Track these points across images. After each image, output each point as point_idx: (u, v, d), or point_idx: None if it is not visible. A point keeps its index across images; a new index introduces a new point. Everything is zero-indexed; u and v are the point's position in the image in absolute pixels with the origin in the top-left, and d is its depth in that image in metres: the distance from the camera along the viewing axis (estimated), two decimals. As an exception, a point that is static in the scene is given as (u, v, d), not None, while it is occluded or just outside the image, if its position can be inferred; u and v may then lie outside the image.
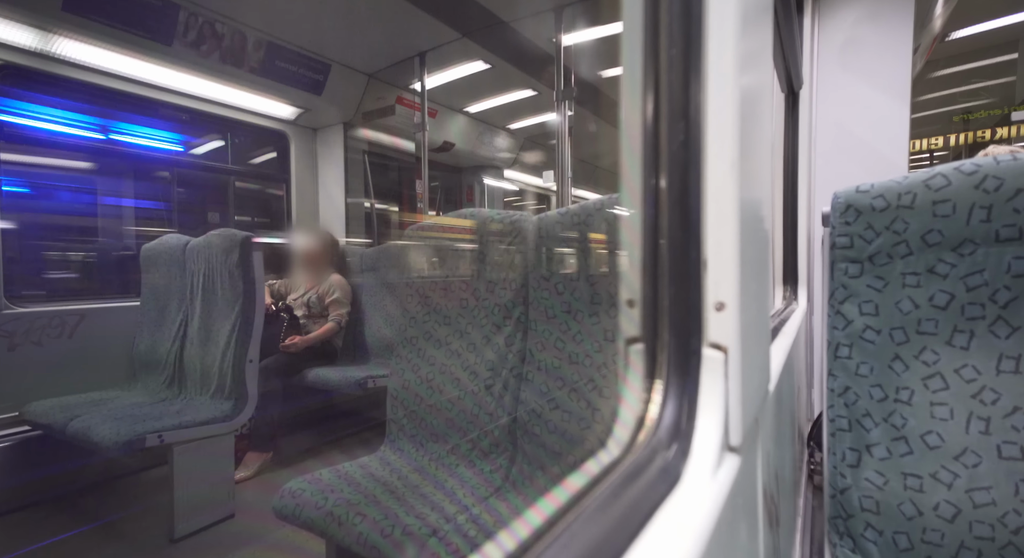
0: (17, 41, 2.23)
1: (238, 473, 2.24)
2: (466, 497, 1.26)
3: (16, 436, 2.11)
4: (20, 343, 2.20)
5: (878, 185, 0.94)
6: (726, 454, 0.44)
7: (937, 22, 2.97)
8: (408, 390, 1.58)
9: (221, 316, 2.13)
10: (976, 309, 0.87)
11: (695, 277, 0.44)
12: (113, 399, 2.20)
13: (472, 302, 1.52)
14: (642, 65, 0.45)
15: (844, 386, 0.97)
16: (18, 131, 2.34)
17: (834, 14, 2.18)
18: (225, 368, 2.04)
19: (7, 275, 2.20)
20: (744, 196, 0.45)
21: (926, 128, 6.04)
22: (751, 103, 0.49)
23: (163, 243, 2.50)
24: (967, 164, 0.87)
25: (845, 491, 0.95)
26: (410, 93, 3.66)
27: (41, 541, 1.84)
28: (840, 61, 2.18)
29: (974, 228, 0.86)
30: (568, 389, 1.29)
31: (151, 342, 2.42)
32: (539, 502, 0.36)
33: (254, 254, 2.07)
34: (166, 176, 3.22)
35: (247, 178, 3.64)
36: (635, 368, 0.48)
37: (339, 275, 2.97)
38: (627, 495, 0.36)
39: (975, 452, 0.85)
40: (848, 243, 0.97)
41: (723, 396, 0.44)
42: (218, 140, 3.40)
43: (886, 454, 0.92)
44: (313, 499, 1.20)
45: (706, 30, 0.44)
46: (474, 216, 1.53)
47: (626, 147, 0.47)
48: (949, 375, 0.88)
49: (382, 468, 1.42)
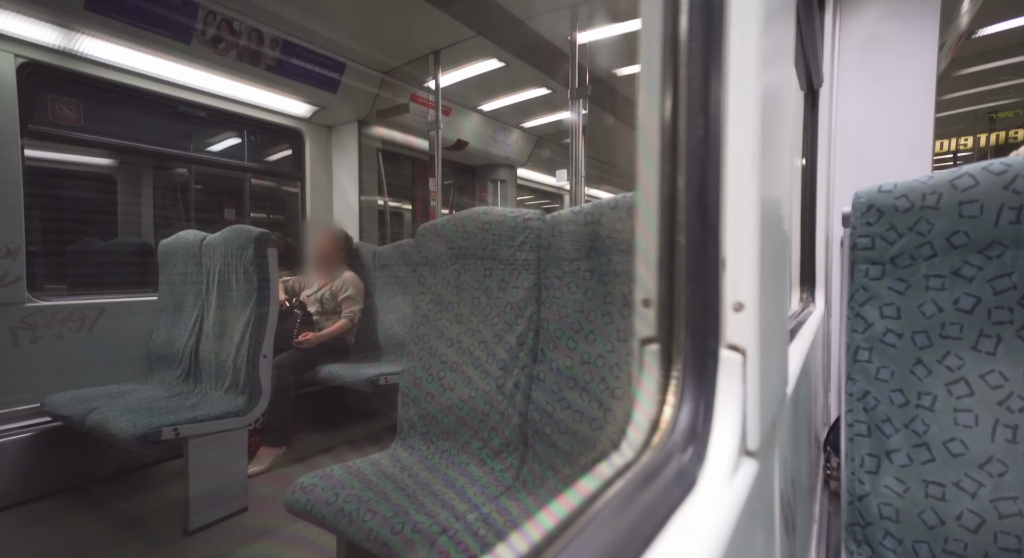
0: (41, 39, 2.28)
1: (251, 467, 2.26)
2: (476, 496, 1.26)
3: (37, 427, 2.16)
4: (42, 336, 2.25)
5: (901, 185, 0.92)
6: (743, 459, 0.43)
7: (964, 19, 2.89)
8: (419, 388, 1.58)
9: (236, 312, 2.16)
10: (1004, 313, 0.84)
11: (713, 276, 0.43)
12: (130, 392, 2.24)
13: (484, 300, 1.51)
14: (660, 58, 0.44)
15: (863, 390, 0.95)
16: (41, 128, 2.39)
17: (856, 11, 2.13)
18: (239, 363, 2.07)
19: (30, 269, 2.25)
20: (764, 194, 0.44)
21: (949, 128, 5.90)
22: (772, 100, 0.48)
23: (180, 239, 2.53)
24: (996, 163, 0.85)
25: (863, 498, 0.93)
26: (424, 91, 3.66)
27: (59, 530, 1.88)
28: (862, 59, 2.13)
29: (1003, 229, 0.84)
30: (580, 389, 1.28)
31: (167, 336, 2.46)
32: (551, 503, 0.36)
33: (268, 251, 2.09)
34: (183, 173, 3.27)
35: (263, 175, 3.67)
36: (649, 369, 0.47)
37: (352, 272, 2.99)
38: (641, 499, 0.35)
39: (1001, 461, 0.82)
40: (869, 244, 0.94)
41: (741, 399, 0.43)
42: (235, 138, 3.43)
43: (907, 461, 0.90)
44: (324, 495, 1.21)
45: (728, 25, 0.43)
46: (487, 214, 1.52)
47: (642, 143, 0.46)
48: (974, 381, 0.86)
49: (393, 465, 1.43)
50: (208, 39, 2.65)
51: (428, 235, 1.63)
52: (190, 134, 3.17)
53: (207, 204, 3.48)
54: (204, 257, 2.37)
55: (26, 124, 2.27)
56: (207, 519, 1.87)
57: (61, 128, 2.48)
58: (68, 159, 2.84)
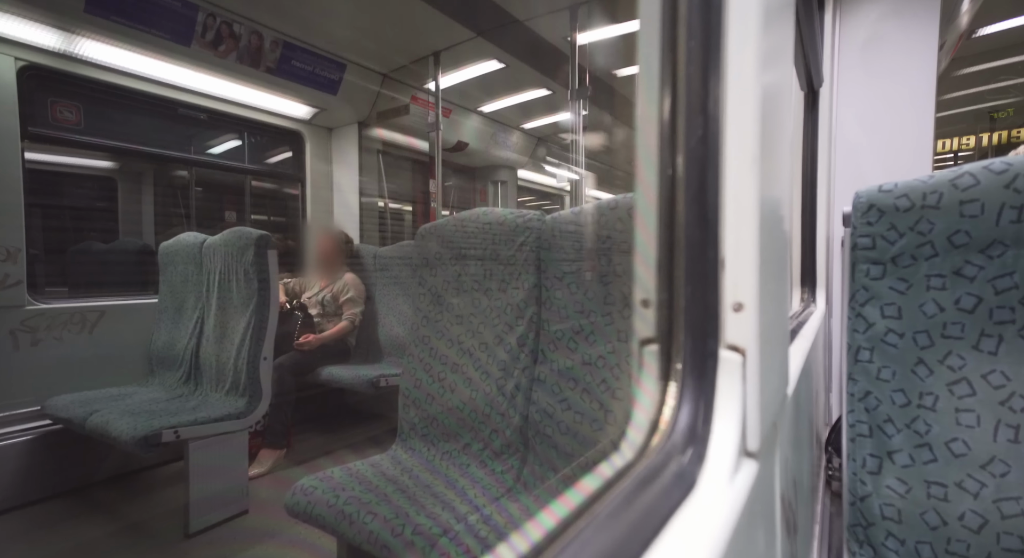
0: (42, 42, 2.28)
1: (252, 470, 2.26)
2: (477, 497, 1.26)
3: (38, 430, 2.16)
4: (43, 339, 2.25)
5: (902, 184, 0.91)
6: (743, 459, 0.42)
7: (964, 18, 2.89)
8: (420, 389, 1.58)
9: (236, 314, 2.16)
10: (1005, 313, 0.84)
11: (712, 277, 0.43)
12: (131, 395, 2.24)
13: (485, 302, 1.51)
14: (659, 58, 0.44)
15: (865, 390, 0.95)
16: (41, 131, 2.39)
17: (856, 10, 2.13)
18: (240, 365, 2.07)
19: (30, 272, 2.25)
20: (764, 194, 0.44)
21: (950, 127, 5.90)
22: (772, 99, 0.48)
23: (180, 241, 2.53)
24: (997, 163, 0.84)
25: (865, 498, 0.92)
26: (424, 92, 3.67)
27: (59, 534, 1.88)
28: (862, 58, 2.13)
29: (1004, 229, 0.83)
30: (581, 390, 1.28)
31: (168, 339, 2.46)
32: (551, 505, 0.35)
33: (269, 253, 2.09)
34: (184, 175, 3.27)
35: (263, 177, 3.68)
36: (649, 369, 0.47)
37: (353, 274, 2.99)
38: (641, 500, 0.35)
39: (1004, 461, 0.82)
40: (870, 244, 0.94)
41: (741, 399, 0.43)
42: (235, 140, 3.44)
43: (909, 461, 0.89)
44: (324, 497, 1.21)
45: (726, 23, 0.43)
46: (487, 215, 1.52)
47: (642, 142, 0.45)
48: (976, 380, 0.85)
49: (393, 467, 1.42)
50: (208, 41, 2.66)
51: (429, 236, 1.63)
52: (191, 136, 3.18)
53: (208, 206, 3.49)
54: (204, 259, 2.37)
55: (26, 127, 2.27)
56: (208, 522, 1.87)
57: (62, 131, 2.48)
58: (69, 162, 2.84)
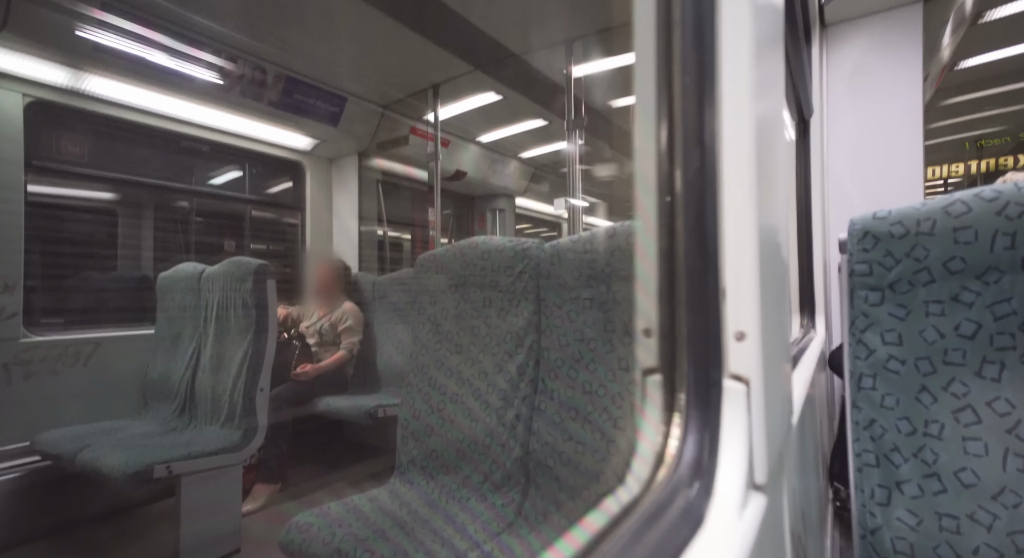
0: (49, 79, 2.33)
1: (246, 505, 2.20)
2: (478, 533, 1.22)
3: (26, 466, 2.10)
4: (36, 372, 2.22)
5: (895, 211, 0.92)
6: (751, 493, 0.41)
7: (945, 51, 2.99)
8: (419, 420, 1.55)
9: (233, 344, 2.14)
10: (1006, 339, 0.84)
11: (714, 306, 0.43)
12: (123, 428, 2.19)
13: (484, 330, 1.50)
14: (655, 92, 0.45)
15: (869, 419, 0.93)
16: (45, 164, 2.42)
17: (842, 44, 2.20)
18: (236, 397, 2.03)
19: (26, 304, 2.24)
20: (762, 223, 0.44)
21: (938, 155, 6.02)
22: (766, 130, 0.49)
23: (179, 271, 2.53)
24: (987, 190, 0.86)
25: (876, 531, 0.90)
26: (423, 123, 3.74)
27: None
28: (850, 89, 2.19)
29: (999, 255, 0.84)
30: (582, 420, 1.26)
31: (163, 370, 2.43)
32: (557, 543, 0.34)
33: (268, 282, 2.09)
34: (185, 205, 3.29)
35: (263, 207, 3.71)
36: (653, 400, 0.46)
37: (351, 303, 2.98)
38: (649, 538, 0.34)
39: (1015, 492, 0.80)
40: (867, 270, 0.94)
41: (746, 430, 0.42)
42: (236, 170, 3.48)
43: (918, 492, 0.87)
44: (321, 534, 1.17)
45: (719, 57, 0.44)
46: (486, 243, 1.53)
47: (640, 174, 0.46)
48: (981, 408, 0.84)
49: (392, 501, 1.39)
50: (212, 77, 2.72)
51: (427, 265, 1.63)
52: (192, 168, 3.22)
53: (207, 236, 3.50)
54: (203, 290, 2.36)
55: (31, 160, 2.30)
56: (198, 561, 1.81)
57: (65, 163, 2.51)
58: (70, 193, 2.86)
